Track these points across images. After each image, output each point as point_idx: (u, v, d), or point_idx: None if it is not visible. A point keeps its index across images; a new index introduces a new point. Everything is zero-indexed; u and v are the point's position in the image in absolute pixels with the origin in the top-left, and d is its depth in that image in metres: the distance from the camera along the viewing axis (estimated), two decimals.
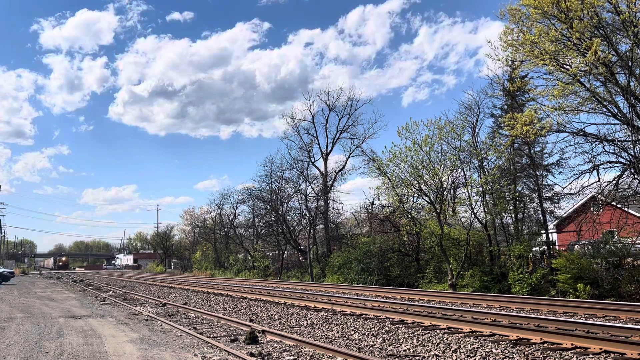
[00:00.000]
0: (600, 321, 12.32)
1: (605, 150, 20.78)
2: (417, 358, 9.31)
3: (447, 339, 10.27)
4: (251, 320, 14.74)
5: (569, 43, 19.08)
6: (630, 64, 18.97)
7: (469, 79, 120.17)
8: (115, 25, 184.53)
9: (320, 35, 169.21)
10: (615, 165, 20.82)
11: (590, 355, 8.37)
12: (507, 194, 27.88)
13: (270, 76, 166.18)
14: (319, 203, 48.43)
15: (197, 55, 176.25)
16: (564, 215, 28.94)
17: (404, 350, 9.91)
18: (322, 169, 48.56)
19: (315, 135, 49.11)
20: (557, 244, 31.26)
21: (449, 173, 27.70)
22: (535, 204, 28.88)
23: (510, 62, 23.02)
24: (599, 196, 22.42)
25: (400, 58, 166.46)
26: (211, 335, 12.13)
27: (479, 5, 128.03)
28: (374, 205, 40.76)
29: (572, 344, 8.96)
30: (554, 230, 31.08)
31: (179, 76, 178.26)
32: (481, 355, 8.95)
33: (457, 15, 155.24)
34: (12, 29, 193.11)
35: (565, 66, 19.73)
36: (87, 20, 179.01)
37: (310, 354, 9.64)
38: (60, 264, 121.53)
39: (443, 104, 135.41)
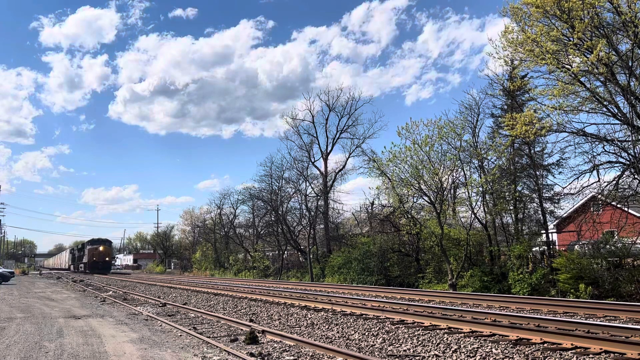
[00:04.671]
0: (601, 321, 12.31)
1: (605, 150, 20.79)
2: (417, 358, 9.30)
3: (447, 339, 10.27)
4: (251, 320, 14.74)
5: (570, 43, 19.09)
6: (630, 63, 18.98)
7: (474, 77, 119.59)
8: (117, 23, 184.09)
9: (325, 32, 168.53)
10: (615, 165, 20.84)
11: (591, 355, 8.36)
12: (507, 194, 27.89)
13: (272, 74, 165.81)
14: (319, 203, 48.45)
15: (199, 53, 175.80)
16: (564, 215, 28.95)
17: (404, 350, 9.91)
18: (322, 169, 48.59)
19: (315, 135, 49.17)
20: (557, 244, 31.27)
21: (449, 173, 27.73)
22: (535, 204, 28.88)
23: (510, 62, 23.05)
24: (599, 196, 22.42)
25: (404, 56, 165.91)
26: (211, 336, 12.13)
27: (487, 1, 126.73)
28: (374, 205, 40.82)
29: (572, 344, 8.95)
30: (554, 230, 31.08)
31: (181, 74, 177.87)
32: (481, 355, 8.95)
33: (465, 11, 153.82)
34: (11, 26, 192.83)
35: (565, 66, 19.74)
36: (88, 17, 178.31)
37: (310, 354, 9.64)
38: (94, 259, 66.89)
39: (447, 102, 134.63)
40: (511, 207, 28.25)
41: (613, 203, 21.91)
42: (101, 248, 68.51)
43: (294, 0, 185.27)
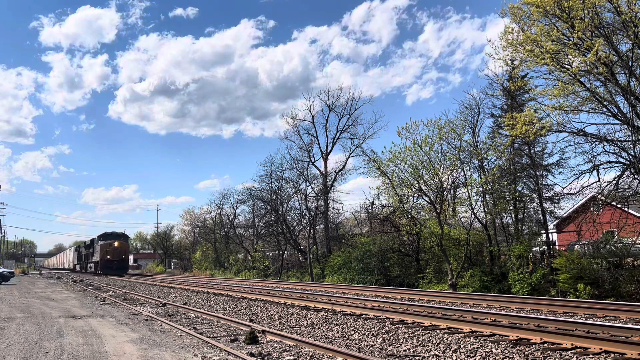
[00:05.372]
0: (601, 321, 12.31)
1: (605, 150, 20.81)
2: (417, 358, 9.30)
3: (447, 339, 10.26)
4: (251, 320, 14.74)
5: (570, 42, 19.10)
6: (630, 63, 18.99)
7: (474, 77, 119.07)
8: (117, 22, 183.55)
9: (325, 32, 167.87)
10: (615, 165, 20.85)
11: (590, 355, 8.36)
12: (507, 194, 27.90)
13: (273, 74, 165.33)
14: (319, 203, 48.46)
15: (199, 52, 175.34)
16: (564, 215, 28.95)
17: (404, 350, 9.91)
18: (322, 169, 48.61)
19: (315, 135, 49.18)
20: (557, 244, 31.28)
21: (449, 173, 27.75)
22: (535, 204, 28.90)
23: (510, 62, 23.06)
24: (599, 196, 22.42)
25: (405, 56, 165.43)
26: (211, 336, 12.13)
27: (488, 0, 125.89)
28: (374, 205, 40.81)
29: (572, 344, 8.95)
30: (554, 230, 31.09)
31: (181, 74, 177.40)
32: (481, 355, 8.94)
33: (467, 10, 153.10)
34: (11, 26, 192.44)
35: (565, 66, 19.75)
36: (89, 17, 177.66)
37: (310, 354, 9.64)
38: (108, 257, 56.84)
39: (447, 102, 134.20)
40: (511, 207, 28.26)
41: (613, 203, 21.91)
42: (116, 244, 57.86)
43: None
